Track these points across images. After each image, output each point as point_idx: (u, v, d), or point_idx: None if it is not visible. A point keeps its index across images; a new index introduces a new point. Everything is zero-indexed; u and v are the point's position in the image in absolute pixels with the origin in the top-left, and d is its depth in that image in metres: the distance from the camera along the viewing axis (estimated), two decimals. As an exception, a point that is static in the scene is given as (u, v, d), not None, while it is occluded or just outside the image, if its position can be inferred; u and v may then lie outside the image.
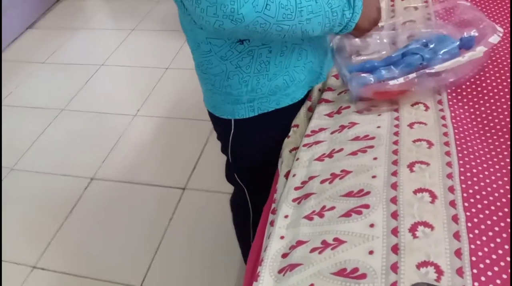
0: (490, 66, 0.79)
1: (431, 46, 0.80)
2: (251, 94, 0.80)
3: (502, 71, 0.78)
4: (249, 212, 1.01)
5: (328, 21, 0.69)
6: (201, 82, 0.86)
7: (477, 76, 0.78)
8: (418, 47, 0.81)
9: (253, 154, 0.90)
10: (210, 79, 0.81)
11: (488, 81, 0.77)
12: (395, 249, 0.55)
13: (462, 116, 0.72)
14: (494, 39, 0.74)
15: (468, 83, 0.78)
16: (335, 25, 0.71)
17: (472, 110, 0.73)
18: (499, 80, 0.77)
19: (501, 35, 0.73)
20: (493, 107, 0.72)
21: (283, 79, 0.80)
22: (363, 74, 0.80)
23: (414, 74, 0.73)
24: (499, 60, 0.80)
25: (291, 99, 0.83)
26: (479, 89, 0.76)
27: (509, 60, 0.80)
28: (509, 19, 0.89)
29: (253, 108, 0.82)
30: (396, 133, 0.71)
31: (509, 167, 0.63)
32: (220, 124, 0.88)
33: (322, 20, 0.68)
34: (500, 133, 0.68)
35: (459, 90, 0.77)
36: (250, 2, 0.59)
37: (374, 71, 0.80)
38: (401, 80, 0.73)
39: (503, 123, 0.70)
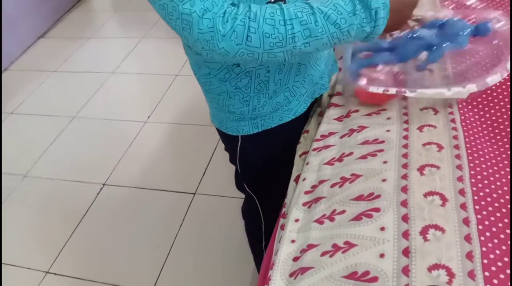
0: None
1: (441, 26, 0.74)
2: (253, 112, 0.80)
3: None
4: (261, 220, 1.01)
5: (337, 40, 0.61)
6: (207, 100, 0.87)
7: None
8: (427, 31, 0.75)
9: (260, 164, 0.90)
10: (213, 98, 0.82)
11: (497, 84, 0.77)
12: (406, 252, 0.55)
13: (472, 119, 0.72)
14: (492, 79, 0.67)
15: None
16: (348, 41, 0.62)
17: (481, 113, 0.73)
18: (508, 83, 0.76)
19: (505, 75, 0.67)
20: (503, 110, 0.72)
21: (284, 95, 0.79)
22: (361, 59, 0.81)
23: (394, 90, 0.72)
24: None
25: (294, 114, 0.83)
26: (488, 92, 0.76)
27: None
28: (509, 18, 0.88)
29: (256, 125, 0.82)
30: (406, 137, 0.71)
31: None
32: (227, 138, 0.88)
33: (328, 41, 0.60)
34: (510, 136, 0.68)
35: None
36: (228, 36, 0.57)
37: (376, 55, 0.80)
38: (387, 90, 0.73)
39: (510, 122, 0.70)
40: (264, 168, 0.89)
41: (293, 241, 0.64)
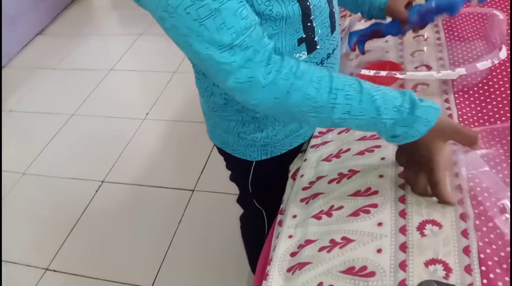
0: (497, 64, 0.79)
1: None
2: (265, 140, 0.77)
3: (509, 70, 0.78)
4: (265, 229, 0.99)
5: (373, 126, 0.57)
6: (210, 120, 0.82)
7: (483, 75, 0.78)
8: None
9: (274, 182, 0.85)
10: (223, 123, 0.77)
11: (495, 79, 0.77)
12: (403, 247, 0.56)
13: (469, 114, 0.72)
14: (482, 65, 0.70)
15: (475, 82, 0.78)
16: (380, 132, 0.59)
17: (479, 108, 0.73)
18: (506, 79, 0.77)
19: (496, 61, 0.71)
20: (500, 105, 0.72)
21: (297, 122, 0.77)
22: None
23: (384, 72, 0.77)
24: (507, 59, 0.80)
25: (303, 138, 0.80)
26: (485, 87, 0.76)
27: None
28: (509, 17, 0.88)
29: (266, 152, 0.79)
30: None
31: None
32: (233, 160, 0.83)
33: (364, 123, 0.57)
34: (506, 132, 0.68)
35: (466, 89, 0.77)
36: (268, 88, 0.54)
37: (372, 24, 0.83)
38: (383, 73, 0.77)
39: (510, 122, 0.70)
40: (277, 184, 0.84)
41: (290, 237, 0.64)
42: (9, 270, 1.49)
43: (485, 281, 0.50)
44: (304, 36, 0.64)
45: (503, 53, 0.72)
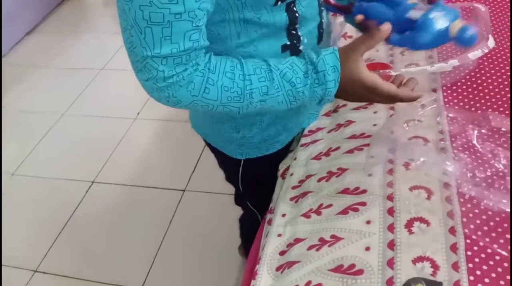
0: (486, 63, 0.80)
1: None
2: (241, 140, 0.76)
3: (497, 68, 0.79)
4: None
5: (293, 99, 0.59)
6: (191, 112, 0.81)
7: (472, 73, 0.79)
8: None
9: (263, 183, 0.84)
10: (201, 116, 0.77)
11: (484, 78, 0.78)
12: (391, 245, 0.56)
13: (458, 113, 0.72)
14: (473, 55, 0.69)
15: (463, 80, 0.78)
16: (304, 102, 0.60)
17: (467, 107, 0.73)
18: (494, 77, 0.77)
19: (486, 51, 0.69)
20: (488, 103, 0.73)
21: (276, 128, 0.75)
22: None
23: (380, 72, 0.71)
24: (496, 58, 0.81)
25: (281, 145, 0.78)
26: (474, 86, 0.77)
27: (507, 59, 0.80)
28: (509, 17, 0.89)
29: (241, 152, 0.78)
30: (392, 131, 0.72)
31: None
32: (221, 155, 0.81)
33: (284, 99, 0.58)
34: (494, 129, 0.69)
35: (454, 87, 0.78)
36: (184, 87, 0.55)
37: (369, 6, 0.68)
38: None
39: (498, 119, 0.70)
40: (267, 185, 0.83)
41: (279, 235, 0.64)
42: (-3, 272, 1.47)
43: (472, 278, 0.51)
44: (288, 43, 0.64)
45: (491, 42, 0.71)
